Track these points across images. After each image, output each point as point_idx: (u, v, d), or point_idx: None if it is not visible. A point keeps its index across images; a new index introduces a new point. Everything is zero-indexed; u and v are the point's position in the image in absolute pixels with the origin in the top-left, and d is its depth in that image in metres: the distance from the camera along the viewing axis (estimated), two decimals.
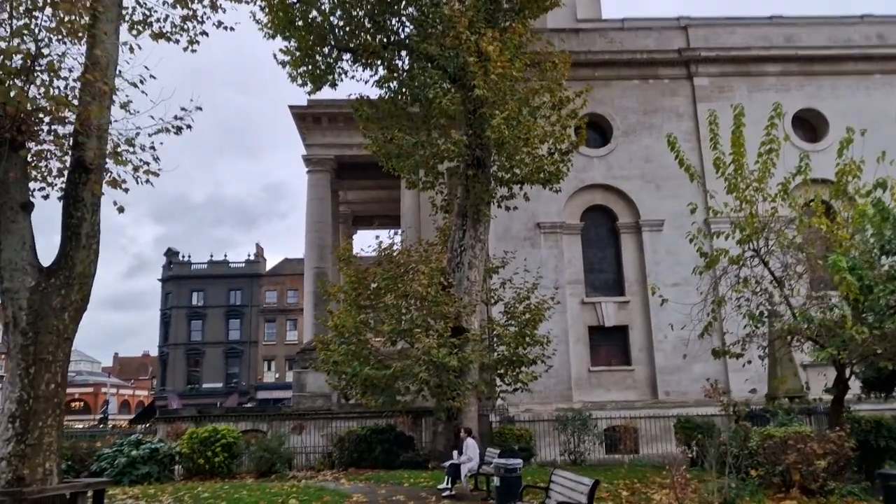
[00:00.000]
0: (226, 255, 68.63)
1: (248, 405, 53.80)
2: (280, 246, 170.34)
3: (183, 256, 67.59)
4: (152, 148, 13.83)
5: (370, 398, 19.98)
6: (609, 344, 26.53)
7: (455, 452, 14.15)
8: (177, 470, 20.32)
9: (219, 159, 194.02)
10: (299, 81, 20.82)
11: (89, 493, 12.99)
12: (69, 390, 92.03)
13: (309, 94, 21.48)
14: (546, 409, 24.42)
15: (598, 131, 27.61)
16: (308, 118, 32.08)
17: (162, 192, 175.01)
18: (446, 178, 21.33)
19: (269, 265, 70.58)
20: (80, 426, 55.68)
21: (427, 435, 22.44)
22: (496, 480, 9.47)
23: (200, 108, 14.06)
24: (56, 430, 12.89)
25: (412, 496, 13.78)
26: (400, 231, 24.62)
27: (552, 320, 21.80)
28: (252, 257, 68.89)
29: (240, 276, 66.69)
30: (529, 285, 21.36)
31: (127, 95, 12.61)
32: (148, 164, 13.58)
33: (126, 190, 13.89)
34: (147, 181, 14.12)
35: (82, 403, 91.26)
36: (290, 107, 31.72)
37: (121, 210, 13.24)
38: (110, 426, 48.33)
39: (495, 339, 21.11)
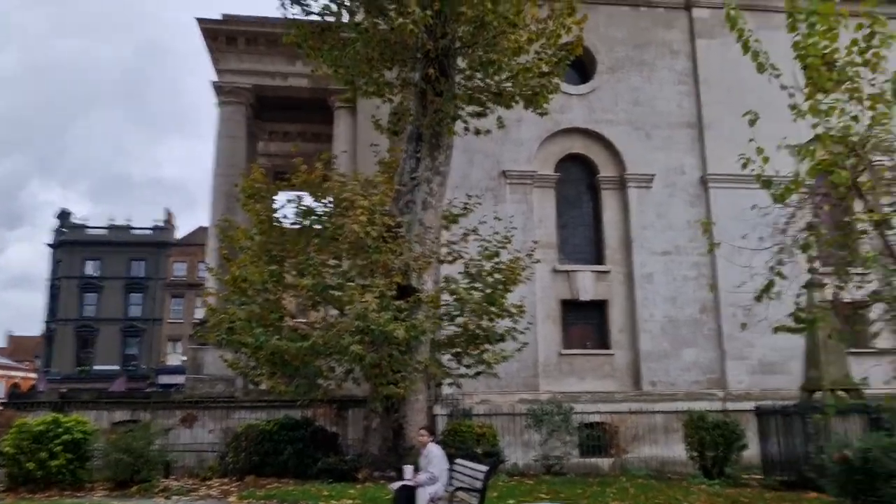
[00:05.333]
0: (129, 221, 60.35)
1: (149, 390, 46.79)
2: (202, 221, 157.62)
3: (76, 219, 59.08)
4: None
5: (279, 381, 14.48)
6: (584, 322, 21.61)
7: (408, 468, 8.73)
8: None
9: (162, 140, 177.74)
10: None
11: None
12: None
13: None
14: (506, 401, 19.52)
15: (578, 66, 22.48)
16: (221, 37, 25.71)
17: (103, 172, 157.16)
18: (398, 87, 15.82)
19: (182, 234, 62.85)
20: None
21: (355, 432, 17.40)
22: None
23: None
24: None
25: None
26: (332, 156, 18.90)
27: (517, 291, 16.65)
28: (161, 224, 61.01)
29: (144, 245, 58.84)
30: (500, 237, 16.20)
31: None
32: None
33: None
34: None
35: None
36: (199, 20, 25.33)
37: None
38: None
39: (453, 307, 15.85)
